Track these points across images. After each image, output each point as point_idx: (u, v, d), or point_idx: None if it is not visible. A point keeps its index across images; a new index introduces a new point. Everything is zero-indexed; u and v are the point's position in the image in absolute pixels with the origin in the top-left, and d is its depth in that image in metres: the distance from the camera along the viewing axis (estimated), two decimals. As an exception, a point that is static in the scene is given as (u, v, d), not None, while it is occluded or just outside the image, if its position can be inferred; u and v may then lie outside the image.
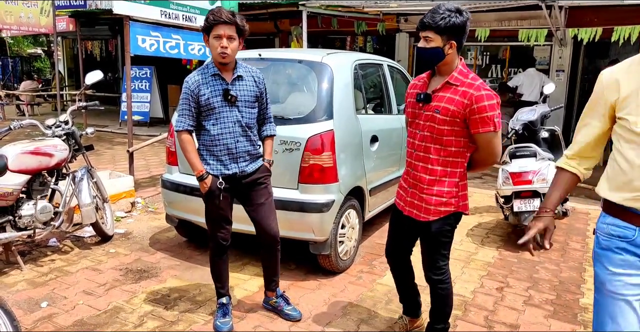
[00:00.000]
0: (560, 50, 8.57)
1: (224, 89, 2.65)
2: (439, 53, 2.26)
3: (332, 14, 8.69)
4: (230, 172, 2.75)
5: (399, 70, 5.03)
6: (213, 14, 2.56)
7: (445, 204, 2.40)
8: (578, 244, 4.65)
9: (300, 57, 3.78)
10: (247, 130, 2.76)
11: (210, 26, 2.57)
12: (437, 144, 2.35)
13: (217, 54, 2.59)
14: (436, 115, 2.31)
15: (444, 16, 2.19)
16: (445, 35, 2.22)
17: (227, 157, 2.74)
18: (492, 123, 2.24)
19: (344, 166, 3.54)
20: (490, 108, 2.23)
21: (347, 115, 3.67)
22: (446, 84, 2.32)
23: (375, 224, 4.86)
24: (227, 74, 2.68)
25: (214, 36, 2.58)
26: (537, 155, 4.50)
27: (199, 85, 2.65)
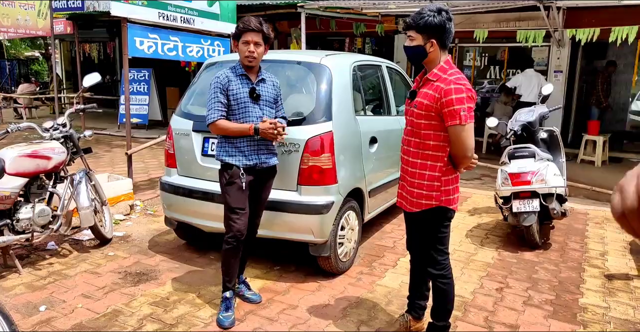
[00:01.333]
0: (558, 51, 8.59)
1: (250, 87, 2.93)
2: (420, 51, 2.40)
3: (330, 15, 8.70)
4: (252, 162, 2.96)
5: (397, 71, 5.03)
6: (243, 22, 2.87)
7: (426, 197, 2.49)
8: (577, 244, 4.65)
9: (299, 58, 3.78)
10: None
11: (240, 33, 2.89)
12: (417, 138, 2.49)
13: (245, 57, 2.90)
14: (414, 110, 2.47)
15: (423, 16, 2.33)
16: (425, 34, 2.36)
17: (249, 149, 2.95)
18: (458, 116, 2.30)
19: (343, 167, 3.54)
20: (457, 101, 2.30)
21: (346, 116, 3.67)
22: (426, 80, 2.45)
23: (375, 225, 4.86)
24: (252, 75, 2.98)
25: (242, 42, 2.89)
26: (536, 156, 4.49)
27: (230, 81, 2.92)
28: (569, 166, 5.02)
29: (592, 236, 4.92)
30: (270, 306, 3.25)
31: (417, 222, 2.62)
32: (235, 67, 2.98)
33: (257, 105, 2.95)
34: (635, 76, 9.34)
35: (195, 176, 3.75)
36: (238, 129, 2.91)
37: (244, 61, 2.92)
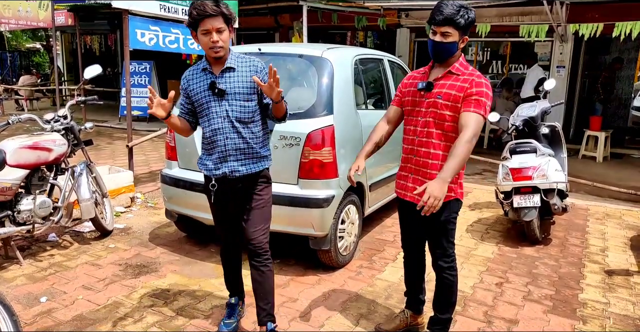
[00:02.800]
0: (561, 46, 8.55)
1: (210, 82, 2.48)
2: (454, 48, 2.40)
3: (332, 8, 8.65)
4: (220, 172, 2.55)
5: (399, 65, 5.01)
6: (196, 8, 2.35)
7: (448, 189, 2.39)
8: (577, 239, 4.65)
9: (300, 51, 3.76)
10: (239, 125, 2.50)
11: (196, 22, 2.38)
12: (439, 129, 2.44)
13: (209, 49, 2.42)
14: (438, 101, 2.42)
15: (463, 14, 2.32)
16: (462, 30, 2.37)
17: (218, 156, 2.55)
18: (483, 108, 2.35)
19: (344, 161, 3.53)
20: (486, 96, 2.37)
21: (347, 110, 3.65)
22: (448, 73, 2.45)
23: (376, 219, 4.86)
24: (219, 67, 2.50)
25: (202, 32, 2.39)
26: (537, 151, 4.48)
27: (189, 81, 2.57)
28: (570, 162, 5.01)
29: (592, 231, 4.92)
30: (270, 299, 3.25)
31: (432, 216, 2.43)
32: (201, 61, 2.57)
33: (223, 101, 2.48)
34: (637, 72, 9.29)
35: (196, 169, 3.73)
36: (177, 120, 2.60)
37: (210, 53, 2.45)
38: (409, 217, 2.71)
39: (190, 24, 2.42)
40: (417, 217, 2.58)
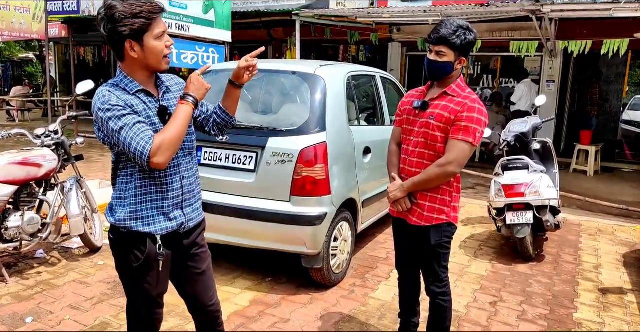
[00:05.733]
0: (550, 61, 8.65)
1: (159, 107, 1.89)
2: (449, 67, 2.37)
3: (325, 23, 8.71)
4: (175, 223, 1.94)
5: (391, 81, 5.03)
6: (141, 6, 1.75)
7: (438, 212, 2.46)
8: (571, 256, 4.65)
9: (293, 68, 3.76)
10: (190, 159, 2.02)
11: (145, 25, 1.76)
12: (431, 150, 2.41)
13: (163, 58, 1.85)
14: (431, 122, 2.39)
15: (460, 34, 2.30)
16: (458, 51, 2.34)
17: (171, 202, 1.92)
18: (472, 135, 2.31)
19: (337, 178, 3.52)
20: (477, 122, 2.32)
21: (340, 127, 3.65)
22: (443, 94, 2.42)
23: (368, 235, 4.83)
24: (151, 87, 1.92)
25: (157, 36, 1.80)
26: (529, 168, 4.49)
27: (132, 107, 1.82)
28: (561, 176, 5.03)
29: (585, 248, 4.91)
30: (262, 319, 3.20)
31: (421, 237, 2.51)
32: (122, 81, 1.85)
33: None
34: (625, 87, 9.42)
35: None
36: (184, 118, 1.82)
37: (163, 65, 1.86)
38: (403, 237, 2.68)
39: (143, 26, 1.76)
40: (411, 237, 2.60)
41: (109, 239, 2.00)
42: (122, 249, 1.94)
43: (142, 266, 1.91)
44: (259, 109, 3.83)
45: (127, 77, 1.86)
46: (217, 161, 3.58)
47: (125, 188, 1.90)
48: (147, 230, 1.88)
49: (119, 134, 1.74)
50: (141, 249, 1.89)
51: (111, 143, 1.84)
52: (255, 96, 3.81)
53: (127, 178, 1.89)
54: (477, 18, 7.34)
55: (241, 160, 3.52)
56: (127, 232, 1.90)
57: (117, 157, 1.91)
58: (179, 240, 1.99)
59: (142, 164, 1.75)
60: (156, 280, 1.96)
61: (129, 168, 1.89)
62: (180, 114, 1.82)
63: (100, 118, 1.77)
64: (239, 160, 3.52)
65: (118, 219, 1.89)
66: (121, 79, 1.86)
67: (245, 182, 3.47)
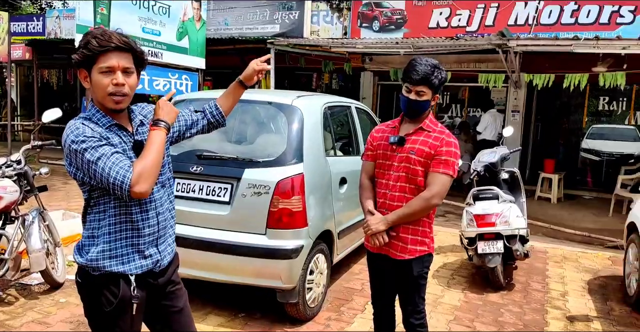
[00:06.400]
0: (515, 92, 8.99)
1: (134, 142, 1.83)
2: (427, 105, 2.48)
3: (299, 52, 8.83)
4: (151, 261, 1.86)
5: (366, 111, 5.10)
6: (96, 37, 1.72)
7: (420, 243, 2.51)
8: (539, 284, 4.73)
9: (270, 99, 3.77)
10: (170, 191, 1.97)
11: (94, 55, 1.72)
12: (412, 184, 2.48)
13: (108, 96, 1.75)
14: (411, 157, 2.46)
15: (437, 74, 2.41)
16: (434, 89, 2.45)
17: (147, 239, 1.84)
18: (452, 168, 2.45)
19: (314, 209, 3.49)
20: (455, 155, 2.46)
21: (316, 158, 3.65)
22: (419, 129, 2.52)
23: (343, 266, 4.79)
24: (124, 121, 1.86)
25: (101, 70, 1.73)
26: (500, 198, 4.59)
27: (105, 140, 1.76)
28: (527, 204, 5.16)
29: (552, 275, 5.02)
30: (236, 357, 3.10)
31: (402, 270, 2.52)
32: (94, 115, 1.80)
33: None
34: (585, 117, 9.86)
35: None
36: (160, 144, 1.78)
37: (107, 103, 1.77)
38: (381, 272, 2.66)
39: (84, 58, 1.73)
40: (390, 271, 2.59)
41: (76, 283, 1.89)
42: (93, 293, 1.81)
43: (115, 311, 1.79)
44: (234, 139, 3.80)
45: (99, 111, 1.80)
46: (190, 193, 3.50)
47: (98, 225, 1.80)
48: (122, 269, 1.78)
49: (96, 165, 1.67)
50: (114, 291, 1.78)
51: (84, 178, 1.76)
52: (230, 126, 3.77)
53: (100, 215, 1.80)
54: (447, 50, 7.59)
55: (215, 192, 3.45)
56: (98, 274, 1.79)
57: (89, 193, 1.82)
58: (154, 279, 1.89)
59: (123, 195, 1.68)
60: (130, 325, 1.84)
61: (101, 204, 1.80)
62: (155, 140, 1.77)
63: (74, 150, 1.70)
64: (213, 191, 3.46)
65: (90, 258, 1.79)
66: (93, 113, 1.80)
67: (220, 214, 3.40)
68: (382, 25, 9.50)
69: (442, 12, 9.01)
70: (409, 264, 2.50)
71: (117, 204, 1.79)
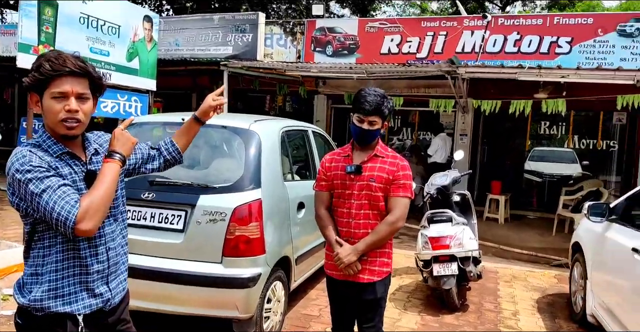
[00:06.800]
0: (463, 117, 9.35)
1: (86, 172, 1.73)
2: (378, 133, 2.57)
3: (253, 74, 8.82)
4: (101, 300, 1.75)
5: (322, 135, 5.12)
6: (50, 60, 1.63)
7: (386, 265, 2.61)
8: (491, 304, 4.83)
9: (226, 123, 3.69)
10: (123, 225, 1.89)
11: (47, 79, 1.63)
12: (375, 210, 2.54)
13: (59, 122, 1.64)
14: (372, 184, 2.52)
15: (386, 103, 2.50)
16: (384, 118, 2.54)
17: (96, 276, 1.73)
18: (410, 191, 2.57)
19: (272, 236, 3.42)
20: (410, 178, 2.59)
21: (274, 183, 3.60)
22: (374, 156, 2.58)
23: (300, 292, 4.70)
24: (77, 149, 1.75)
25: (53, 95, 1.64)
26: (453, 220, 4.69)
27: (55, 170, 1.65)
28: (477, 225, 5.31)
29: (503, 295, 5.14)
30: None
31: (366, 292, 2.55)
32: (44, 142, 1.69)
33: None
34: (528, 140, 10.37)
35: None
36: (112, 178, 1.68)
37: (60, 129, 1.66)
38: (342, 299, 2.66)
39: (35, 82, 1.64)
40: (352, 296, 2.60)
41: (15, 324, 1.73)
42: None
43: None
44: (187, 164, 3.68)
45: (50, 137, 1.69)
46: (142, 220, 3.35)
47: (43, 262, 1.67)
48: (69, 309, 1.66)
49: (40, 198, 1.56)
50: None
51: (28, 209, 1.63)
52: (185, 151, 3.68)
53: (45, 250, 1.68)
54: (398, 75, 7.82)
55: (168, 220, 3.32)
56: (42, 315, 1.65)
57: (33, 226, 1.69)
58: (104, 318, 1.77)
59: (67, 232, 1.56)
60: None
61: (47, 239, 1.67)
62: (108, 173, 1.66)
63: (18, 180, 1.58)
64: (166, 219, 3.33)
65: (33, 298, 1.65)
66: (44, 139, 1.69)
67: (173, 242, 3.27)
68: (336, 50, 9.69)
69: (393, 38, 9.32)
70: (372, 286, 2.54)
71: (64, 239, 1.67)
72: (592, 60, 8.12)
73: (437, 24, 9.33)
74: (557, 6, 22.03)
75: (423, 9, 25.51)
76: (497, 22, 8.79)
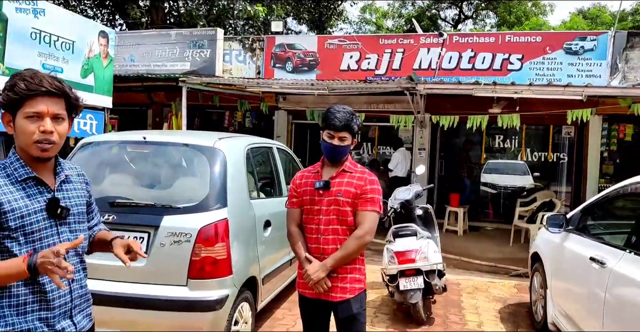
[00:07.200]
0: (421, 131, 9.56)
1: (49, 200, 1.64)
2: (348, 149, 2.60)
3: (212, 90, 8.72)
4: None
5: (286, 152, 5.10)
6: (25, 79, 1.58)
7: (358, 281, 2.58)
8: (456, 316, 4.89)
9: (189, 141, 3.62)
10: (83, 260, 1.80)
11: (21, 99, 1.58)
12: (344, 225, 2.54)
13: (33, 143, 1.58)
14: (340, 199, 2.53)
15: (355, 120, 2.54)
16: (353, 134, 2.58)
17: (57, 311, 1.63)
18: (378, 205, 2.57)
19: (238, 256, 3.35)
20: (378, 192, 2.58)
21: (241, 201, 3.54)
22: (342, 171, 2.61)
23: (266, 311, 4.61)
24: (47, 174, 1.68)
25: (27, 115, 1.58)
26: (418, 234, 4.75)
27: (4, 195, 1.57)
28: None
29: (467, 306, 5.22)
30: None
31: (341, 310, 2.52)
32: (10, 164, 1.63)
33: (64, 226, 1.68)
34: (483, 153, 10.72)
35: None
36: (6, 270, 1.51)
37: (33, 150, 1.60)
38: (315, 318, 2.63)
39: (9, 102, 1.58)
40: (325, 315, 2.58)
41: None
42: None
43: None
44: (148, 183, 3.59)
45: (19, 159, 1.62)
46: (102, 243, 3.20)
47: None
48: None
49: None
50: None
51: None
52: (147, 170, 3.58)
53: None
54: (358, 92, 7.93)
55: (130, 242, 3.19)
56: None
57: None
58: None
59: None
60: None
61: None
62: (9, 265, 1.49)
63: None
64: (128, 241, 3.19)
65: None
66: (12, 161, 1.63)
67: (135, 266, 3.10)
68: (296, 66, 9.74)
69: (352, 55, 9.46)
70: (347, 303, 2.51)
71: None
72: (542, 77, 8.53)
73: (395, 41, 9.56)
74: (506, 25, 23.15)
75: (379, 26, 26.20)
76: (452, 40, 9.10)
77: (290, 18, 18.45)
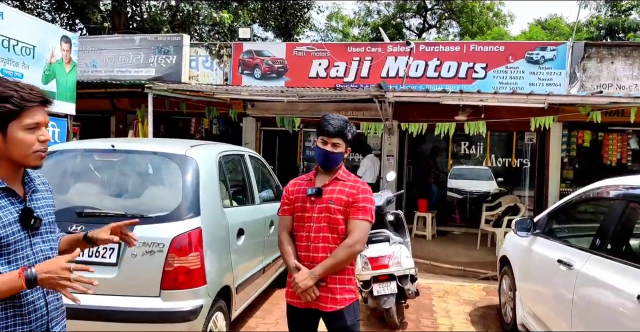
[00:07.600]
0: (389, 138, 9.68)
1: (22, 210, 1.61)
2: (341, 157, 2.59)
3: (179, 97, 8.58)
4: None
5: (258, 159, 5.06)
6: (17, 90, 1.55)
7: (348, 292, 2.54)
8: (428, 320, 4.95)
9: (158, 149, 3.54)
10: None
11: (20, 110, 1.55)
12: (335, 233, 2.51)
13: (32, 153, 1.59)
14: (331, 206, 2.51)
15: (349, 128, 2.54)
16: (348, 142, 2.58)
17: (34, 325, 1.61)
18: (370, 214, 2.54)
19: (212, 265, 3.29)
20: (371, 202, 2.56)
21: (214, 210, 3.48)
22: (335, 179, 2.60)
23: (239, 320, 4.54)
24: (16, 184, 1.65)
25: (25, 127, 1.56)
26: (390, 240, 4.79)
27: None
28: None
29: (438, 310, 5.30)
30: None
31: (335, 322, 2.49)
32: None
33: (37, 237, 1.66)
34: (450, 159, 10.95)
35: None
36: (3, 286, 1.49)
37: (31, 160, 1.61)
38: (302, 327, 2.60)
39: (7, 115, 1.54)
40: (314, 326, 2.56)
41: None
42: None
43: None
44: (116, 193, 3.49)
45: None
46: (70, 255, 3.08)
47: None
48: None
49: None
50: None
51: None
52: (116, 180, 3.48)
53: None
54: (327, 99, 7.97)
55: (100, 253, 3.11)
56: None
57: None
58: None
59: None
60: None
61: None
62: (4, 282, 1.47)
63: None
64: (97, 253, 3.11)
65: None
66: None
67: (106, 277, 3.03)
68: (264, 73, 9.70)
69: (321, 63, 9.51)
70: (339, 315, 2.48)
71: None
72: (506, 85, 8.80)
73: (363, 49, 9.67)
74: (469, 34, 23.84)
75: (345, 34, 26.49)
76: (419, 49, 9.28)
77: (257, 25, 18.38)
